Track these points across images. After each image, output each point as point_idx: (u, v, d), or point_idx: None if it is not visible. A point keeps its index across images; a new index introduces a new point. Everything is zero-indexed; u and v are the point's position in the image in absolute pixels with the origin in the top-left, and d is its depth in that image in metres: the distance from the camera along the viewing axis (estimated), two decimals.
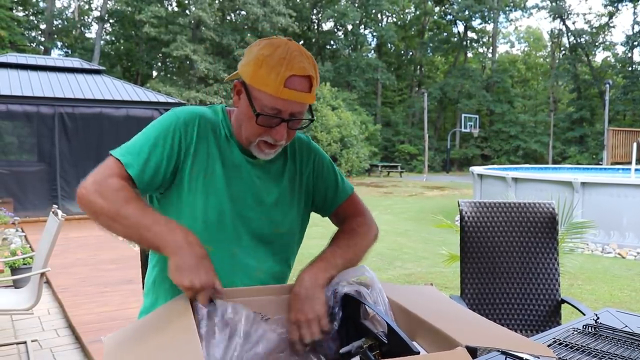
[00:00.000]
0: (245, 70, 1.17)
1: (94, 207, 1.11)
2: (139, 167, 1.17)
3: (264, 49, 1.16)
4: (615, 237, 7.55)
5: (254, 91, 1.16)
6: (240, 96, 1.22)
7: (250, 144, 1.23)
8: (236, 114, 1.26)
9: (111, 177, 1.13)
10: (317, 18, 34.84)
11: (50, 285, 4.82)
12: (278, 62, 1.13)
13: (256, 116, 1.16)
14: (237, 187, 1.26)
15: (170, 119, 1.23)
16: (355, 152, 25.53)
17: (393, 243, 7.89)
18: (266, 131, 1.19)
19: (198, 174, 1.22)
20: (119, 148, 1.20)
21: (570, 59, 34.36)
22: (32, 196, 8.53)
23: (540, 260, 2.50)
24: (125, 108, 9.16)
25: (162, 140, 1.19)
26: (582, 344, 1.39)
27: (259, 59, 1.15)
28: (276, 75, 1.13)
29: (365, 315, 1.12)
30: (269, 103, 1.15)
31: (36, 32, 30.90)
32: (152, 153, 1.18)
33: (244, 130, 1.22)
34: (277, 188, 1.32)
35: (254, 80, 1.15)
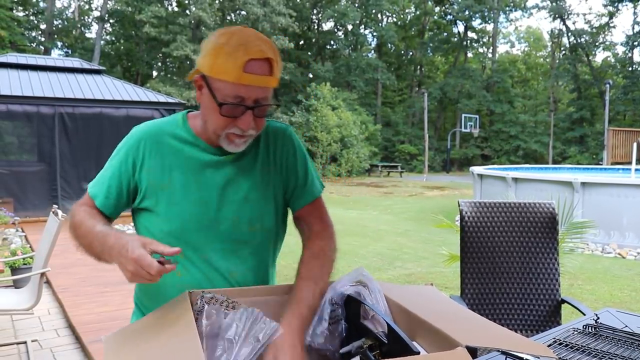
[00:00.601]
0: (203, 62, 1.15)
1: (72, 237, 1.23)
2: (103, 196, 1.27)
3: (219, 38, 1.14)
4: (615, 237, 7.55)
5: (215, 82, 1.13)
6: (202, 91, 1.19)
7: (219, 138, 1.20)
8: (201, 111, 1.23)
9: (76, 206, 1.28)
10: (317, 18, 34.83)
11: (50, 285, 4.82)
12: (235, 49, 1.10)
13: (219, 106, 1.14)
14: (200, 191, 1.23)
15: (125, 141, 1.29)
16: (356, 152, 25.53)
17: (393, 243, 7.89)
18: (232, 122, 1.16)
19: (156, 187, 1.24)
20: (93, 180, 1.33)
21: (570, 59, 34.35)
22: (32, 196, 8.53)
23: (540, 260, 2.50)
24: (125, 108, 9.16)
25: (118, 164, 1.27)
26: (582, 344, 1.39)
27: (215, 48, 1.12)
28: (234, 61, 1.10)
29: (365, 315, 1.12)
30: (230, 91, 1.12)
31: (36, 32, 30.92)
32: (111, 179, 1.27)
33: (210, 124, 1.19)
34: (248, 183, 1.27)
35: (213, 71, 1.13)
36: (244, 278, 1.27)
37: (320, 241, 1.30)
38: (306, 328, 1.10)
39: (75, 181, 8.74)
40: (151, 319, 1.03)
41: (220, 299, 1.06)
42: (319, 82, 27.64)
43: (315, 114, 24.89)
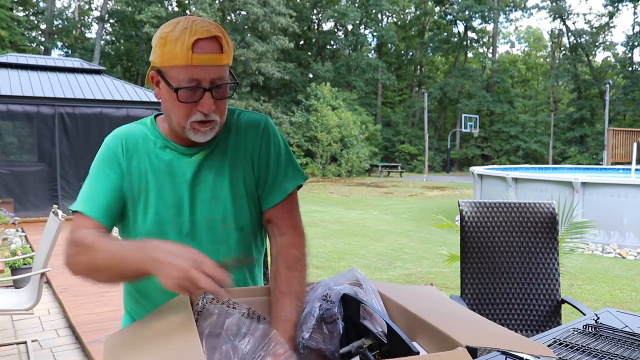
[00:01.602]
0: (154, 56, 1.14)
1: (77, 267, 1.12)
2: (98, 209, 1.19)
3: (165, 28, 1.13)
4: (615, 237, 7.55)
5: (168, 71, 1.12)
6: (160, 85, 1.17)
7: (184, 130, 1.17)
8: (163, 108, 1.22)
9: (74, 232, 1.16)
10: (317, 18, 34.85)
11: (50, 285, 4.82)
12: (181, 33, 1.10)
13: (176, 92, 1.12)
14: (174, 193, 1.23)
15: (104, 150, 1.26)
16: (356, 152, 25.54)
17: (393, 243, 7.89)
18: (193, 108, 1.14)
19: (134, 191, 1.23)
20: (75, 202, 1.23)
21: (570, 59, 34.35)
22: (32, 196, 8.54)
23: (540, 260, 2.50)
24: (125, 108, 9.16)
25: (103, 174, 1.23)
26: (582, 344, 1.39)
27: (162, 38, 1.12)
28: (182, 45, 1.08)
29: (364, 315, 1.12)
30: (184, 75, 1.10)
31: (36, 32, 30.92)
32: (103, 190, 1.21)
33: (173, 117, 1.17)
34: (217, 180, 1.24)
35: (164, 60, 1.11)
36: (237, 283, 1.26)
37: (295, 250, 1.25)
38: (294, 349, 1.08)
39: (75, 181, 8.73)
40: (151, 319, 1.03)
41: (221, 301, 1.06)
42: (319, 82, 27.66)
43: (315, 114, 24.89)
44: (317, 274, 5.64)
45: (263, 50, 25.29)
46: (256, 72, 25.62)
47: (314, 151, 24.90)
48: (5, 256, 4.93)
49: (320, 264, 6.12)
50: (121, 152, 1.24)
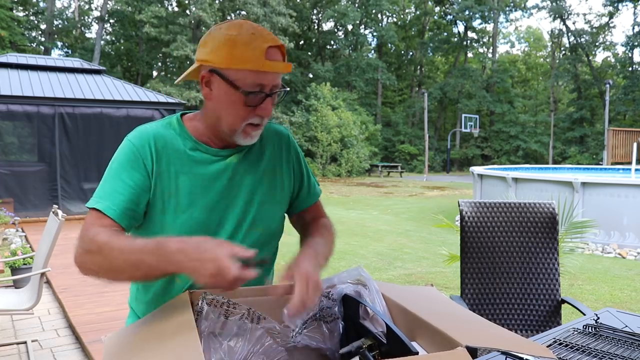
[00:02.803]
0: (215, 56, 1.13)
1: (89, 265, 1.08)
2: (116, 208, 1.14)
3: (229, 30, 1.13)
4: (615, 237, 7.55)
5: (233, 73, 1.12)
6: (213, 87, 1.16)
7: (235, 132, 1.18)
8: (210, 108, 1.20)
9: (89, 229, 1.11)
10: (317, 18, 34.85)
11: (50, 285, 4.82)
12: (251, 38, 1.11)
13: (245, 95, 1.13)
14: (207, 197, 1.21)
15: (128, 148, 1.20)
16: (356, 152, 25.54)
17: (393, 243, 7.89)
18: (252, 112, 1.16)
19: (163, 193, 1.19)
20: (91, 198, 1.17)
21: (570, 59, 34.36)
22: (32, 196, 8.53)
23: (540, 260, 2.50)
24: (125, 108, 9.16)
25: (126, 172, 1.17)
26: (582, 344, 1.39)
27: (230, 40, 1.11)
28: (254, 50, 1.10)
29: (364, 315, 1.12)
30: (252, 80, 1.12)
31: (36, 32, 30.93)
32: (124, 188, 1.16)
33: (227, 119, 1.17)
34: (252, 186, 1.27)
35: (231, 62, 1.11)
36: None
37: (326, 220, 1.41)
38: (321, 266, 1.16)
39: (75, 181, 8.74)
40: (151, 319, 1.03)
41: (221, 301, 1.06)
42: (319, 82, 27.66)
43: (316, 114, 24.89)
44: None
45: None
46: None
47: (314, 151, 24.89)
48: (5, 256, 4.93)
49: None
50: (149, 152, 1.19)
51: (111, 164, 1.21)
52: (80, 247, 1.09)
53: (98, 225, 1.11)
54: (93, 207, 1.14)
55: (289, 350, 1.13)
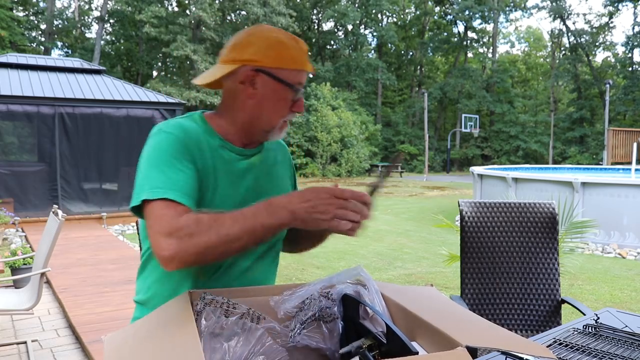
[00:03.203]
0: (262, 56, 1.19)
1: (195, 249, 1.02)
2: (187, 195, 1.11)
3: (274, 33, 1.22)
4: (615, 237, 7.55)
5: (282, 72, 1.20)
6: (256, 85, 1.21)
7: (273, 129, 1.26)
8: (250, 106, 1.23)
9: (175, 218, 1.05)
10: (317, 18, 34.86)
11: (50, 285, 4.82)
12: (292, 40, 1.22)
13: (295, 92, 1.22)
14: (237, 196, 1.24)
15: (173, 140, 1.17)
16: (356, 152, 25.54)
17: (393, 243, 7.89)
18: (289, 109, 1.25)
19: (203, 188, 1.19)
20: (148, 191, 1.09)
21: (570, 59, 34.36)
22: (32, 196, 8.54)
23: (540, 260, 2.50)
24: (125, 108, 9.16)
25: (180, 163, 1.14)
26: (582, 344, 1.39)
27: (278, 41, 1.20)
28: (299, 52, 1.21)
29: (364, 315, 1.12)
30: (297, 79, 1.22)
31: (36, 32, 30.94)
32: (184, 176, 1.13)
33: (270, 115, 1.24)
34: (270, 185, 1.33)
35: (281, 61, 1.20)
36: (260, 276, 1.31)
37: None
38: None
39: (75, 181, 8.74)
40: (151, 319, 1.03)
41: (221, 302, 1.06)
42: (319, 82, 27.65)
43: (316, 114, 24.89)
44: (317, 274, 5.64)
45: None
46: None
47: (314, 151, 24.90)
48: (5, 256, 4.93)
49: (320, 264, 6.12)
50: (194, 145, 1.19)
51: (157, 155, 1.15)
52: (175, 236, 1.02)
53: (181, 212, 1.06)
54: (162, 197, 1.07)
55: (289, 350, 1.13)
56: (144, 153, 1.18)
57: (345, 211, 1.01)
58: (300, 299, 1.15)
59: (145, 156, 1.17)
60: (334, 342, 1.14)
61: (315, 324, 1.15)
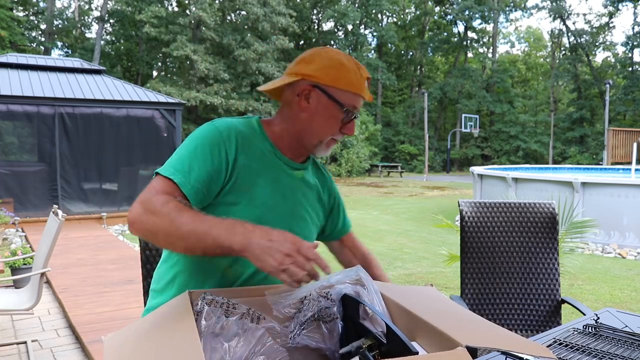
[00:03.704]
0: (322, 73, 1.25)
1: (148, 225, 1.09)
2: (192, 185, 1.16)
3: (338, 55, 1.29)
4: (615, 237, 7.54)
5: (336, 92, 1.26)
6: (310, 100, 1.27)
7: (320, 144, 1.31)
8: (302, 119, 1.29)
9: (158, 194, 1.12)
10: (317, 18, 34.85)
11: (50, 285, 4.82)
12: (356, 66, 1.29)
13: (345, 112, 1.27)
14: (276, 201, 1.29)
15: (212, 132, 1.23)
16: (356, 152, 25.53)
17: (393, 243, 7.89)
18: (338, 129, 1.30)
19: (242, 186, 1.24)
20: (165, 167, 1.18)
21: (570, 59, 34.35)
22: (32, 196, 8.54)
23: (540, 260, 2.50)
24: (125, 108, 9.16)
25: (206, 154, 1.20)
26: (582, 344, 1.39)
27: (340, 63, 1.26)
28: (359, 77, 1.28)
29: (364, 315, 1.12)
30: (351, 101, 1.27)
31: (36, 32, 30.92)
32: (201, 168, 1.18)
33: (318, 130, 1.29)
34: (308, 202, 1.39)
35: (338, 82, 1.25)
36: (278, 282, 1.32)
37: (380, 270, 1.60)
38: None
39: (75, 181, 8.74)
40: (151, 319, 1.03)
41: (221, 302, 1.06)
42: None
43: None
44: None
45: (263, 50, 25.27)
46: (256, 72, 25.62)
47: None
48: (5, 256, 4.93)
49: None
50: (234, 142, 1.24)
51: (191, 141, 1.22)
52: (143, 207, 1.10)
53: (170, 194, 1.13)
54: (169, 177, 1.15)
55: (290, 350, 1.13)
56: (189, 136, 1.26)
57: (299, 270, 1.00)
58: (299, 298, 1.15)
59: (186, 139, 1.25)
60: (334, 342, 1.14)
61: (315, 324, 1.15)
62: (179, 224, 1.06)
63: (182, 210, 1.08)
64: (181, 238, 1.06)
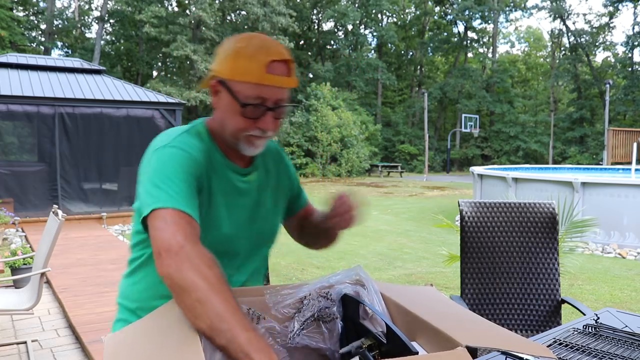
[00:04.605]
0: (222, 67, 1.17)
1: (184, 283, 0.94)
2: (195, 210, 1.08)
3: (238, 42, 1.17)
4: (615, 237, 7.54)
5: (236, 84, 1.15)
6: (220, 95, 1.20)
7: (238, 141, 1.20)
8: (217, 116, 1.23)
9: (189, 239, 1.00)
10: (317, 18, 34.83)
11: (50, 285, 4.82)
12: (256, 51, 1.14)
13: (242, 107, 1.15)
14: (237, 214, 1.25)
15: (179, 154, 1.14)
16: (356, 152, 25.52)
17: (393, 243, 7.89)
18: (252, 124, 1.17)
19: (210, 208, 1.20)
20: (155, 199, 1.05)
21: (570, 59, 34.35)
22: (32, 196, 8.54)
23: (540, 260, 2.50)
24: (125, 108, 9.17)
25: (189, 175, 1.12)
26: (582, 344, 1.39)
27: (236, 51, 1.15)
28: (257, 63, 1.13)
29: (364, 315, 1.12)
30: (252, 92, 1.14)
31: (36, 32, 30.92)
32: (192, 192, 1.10)
33: (229, 127, 1.19)
34: (270, 201, 1.34)
35: (234, 73, 1.14)
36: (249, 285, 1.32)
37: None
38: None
39: (75, 181, 8.74)
40: (151, 319, 1.03)
41: None
42: (319, 82, 27.65)
43: (316, 114, 24.89)
44: (317, 274, 5.64)
45: None
46: None
47: (314, 151, 24.90)
48: (5, 256, 4.93)
49: (320, 264, 6.11)
50: (203, 165, 1.17)
51: (166, 165, 1.11)
52: (184, 258, 0.96)
53: (192, 230, 1.02)
54: (176, 207, 1.04)
55: (290, 351, 1.13)
56: (151, 165, 1.13)
57: None
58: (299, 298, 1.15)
59: (153, 168, 1.12)
60: (334, 342, 1.14)
61: (315, 324, 1.15)
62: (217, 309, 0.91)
63: (220, 288, 0.94)
64: (209, 318, 0.91)
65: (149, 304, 1.23)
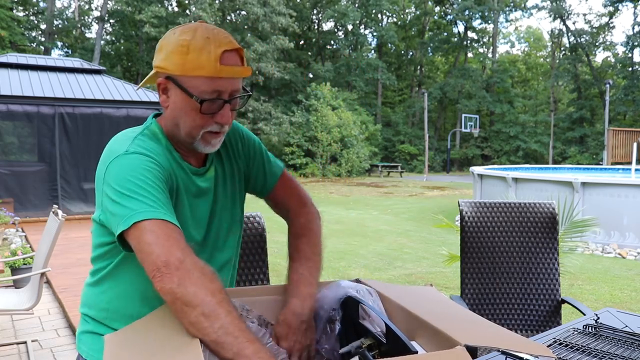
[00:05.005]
0: (169, 63, 1.09)
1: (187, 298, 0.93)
2: (174, 217, 1.04)
3: (182, 35, 1.09)
4: (615, 237, 7.54)
5: (188, 80, 1.08)
6: (169, 93, 1.13)
7: (194, 140, 1.14)
8: (169, 115, 1.16)
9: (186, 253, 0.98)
10: (317, 18, 34.83)
11: (50, 285, 4.82)
12: (205, 42, 1.07)
13: (200, 104, 1.08)
14: (199, 214, 1.21)
15: (148, 163, 1.08)
16: (356, 152, 25.53)
17: (393, 243, 7.89)
18: (210, 119, 1.11)
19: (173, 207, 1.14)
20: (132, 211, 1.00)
21: (570, 59, 34.35)
22: (32, 196, 8.54)
23: (540, 260, 2.50)
24: (125, 108, 9.17)
25: (162, 183, 1.08)
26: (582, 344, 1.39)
27: (182, 46, 1.07)
28: (209, 55, 1.06)
29: (364, 315, 1.12)
30: (208, 87, 1.08)
31: (36, 32, 30.92)
32: (168, 202, 1.07)
33: (184, 126, 1.13)
34: (228, 194, 1.28)
35: (185, 69, 1.07)
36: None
37: (301, 218, 1.33)
38: (310, 305, 1.14)
39: (75, 181, 8.74)
40: (152, 319, 1.03)
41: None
42: (319, 82, 27.65)
43: (316, 114, 24.89)
44: None
45: (263, 50, 25.28)
46: (256, 72, 25.62)
47: (314, 151, 24.90)
48: (5, 256, 4.93)
49: None
50: (167, 169, 1.13)
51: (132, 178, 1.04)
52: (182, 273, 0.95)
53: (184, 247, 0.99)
54: (157, 217, 1.00)
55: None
56: (114, 174, 1.06)
57: None
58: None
59: (119, 178, 1.05)
60: (332, 341, 1.14)
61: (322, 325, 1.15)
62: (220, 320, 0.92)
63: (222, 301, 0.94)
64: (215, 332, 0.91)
65: (122, 312, 1.19)
